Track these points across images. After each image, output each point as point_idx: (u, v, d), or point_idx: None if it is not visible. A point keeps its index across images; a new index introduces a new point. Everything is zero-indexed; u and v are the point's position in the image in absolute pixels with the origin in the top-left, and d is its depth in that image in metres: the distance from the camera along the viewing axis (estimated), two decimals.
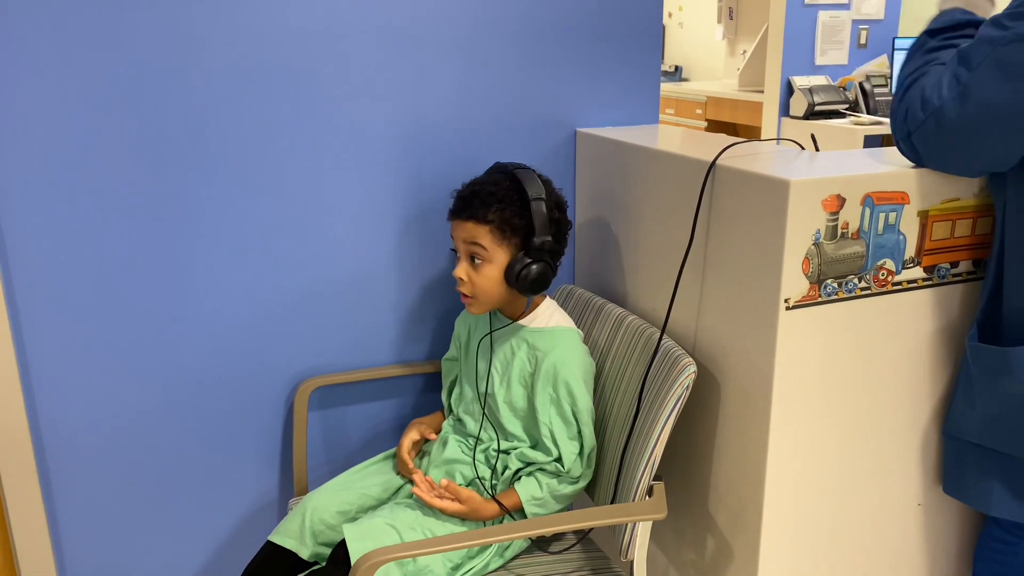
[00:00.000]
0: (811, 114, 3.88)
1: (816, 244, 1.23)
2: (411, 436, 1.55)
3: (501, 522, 1.43)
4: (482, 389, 1.51)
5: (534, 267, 1.40)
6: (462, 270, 1.42)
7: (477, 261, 1.41)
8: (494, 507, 1.40)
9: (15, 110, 1.37)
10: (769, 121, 4.13)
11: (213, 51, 1.46)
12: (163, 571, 1.67)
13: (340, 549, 1.35)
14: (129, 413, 1.57)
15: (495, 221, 1.39)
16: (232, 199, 1.54)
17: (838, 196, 1.22)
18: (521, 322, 1.49)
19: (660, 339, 1.38)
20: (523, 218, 1.39)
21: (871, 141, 3.59)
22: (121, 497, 1.60)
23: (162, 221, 1.50)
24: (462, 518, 1.40)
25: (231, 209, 1.54)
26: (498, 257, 1.40)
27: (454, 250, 1.46)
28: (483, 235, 1.39)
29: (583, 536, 1.53)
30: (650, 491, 1.32)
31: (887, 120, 3.70)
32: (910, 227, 1.29)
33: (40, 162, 1.41)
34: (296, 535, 1.43)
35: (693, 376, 1.30)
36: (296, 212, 1.59)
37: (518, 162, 1.48)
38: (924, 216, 1.29)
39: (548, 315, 1.49)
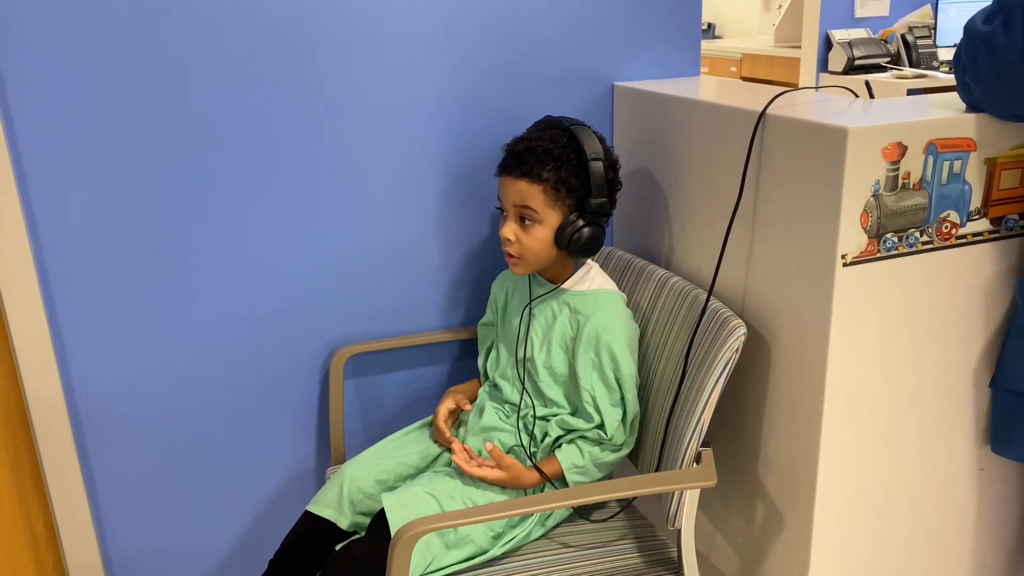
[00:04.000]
0: (850, 69, 3.74)
1: (875, 196, 1.16)
2: (447, 405, 1.51)
3: (542, 490, 1.40)
4: (521, 355, 1.47)
5: (586, 230, 1.35)
6: (510, 230, 1.37)
7: (527, 221, 1.35)
8: (535, 475, 1.37)
9: (44, 89, 1.34)
10: (807, 77, 4.01)
11: (250, 15, 1.41)
12: (202, 541, 1.67)
13: (379, 518, 1.33)
14: (164, 383, 1.55)
15: (550, 180, 1.33)
16: (268, 163, 1.50)
17: (899, 144, 1.15)
18: (563, 285, 1.43)
19: (707, 300, 1.32)
20: (579, 178, 1.34)
21: (915, 95, 3.46)
22: (159, 468, 1.59)
23: (196, 189, 1.47)
24: (502, 486, 1.37)
25: (267, 174, 1.51)
26: (549, 218, 1.35)
27: (499, 208, 1.40)
28: (535, 195, 1.33)
29: (627, 504, 1.49)
30: (698, 458, 1.28)
31: (931, 73, 3.58)
32: (976, 176, 1.21)
33: (71, 134, 1.38)
34: (334, 505, 1.41)
35: (743, 338, 1.24)
36: (331, 176, 1.55)
37: (571, 116, 1.41)
38: (992, 164, 1.21)
39: (591, 278, 1.44)
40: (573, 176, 1.33)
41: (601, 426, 1.37)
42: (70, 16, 1.33)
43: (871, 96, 1.39)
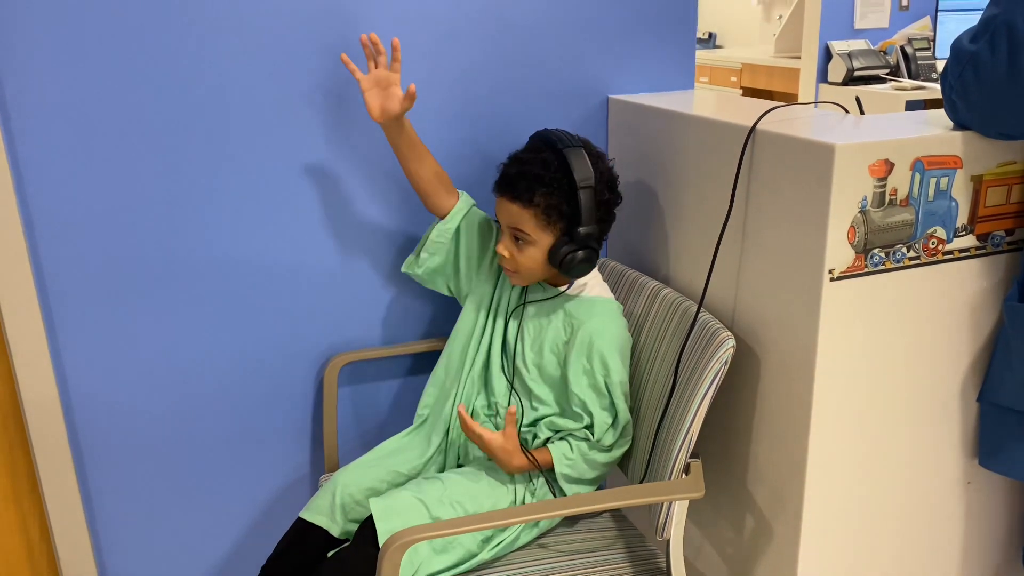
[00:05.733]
0: (850, 80, 3.75)
1: (862, 212, 1.17)
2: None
3: (531, 480, 1.41)
4: (511, 352, 1.48)
5: (579, 253, 1.36)
6: (505, 247, 1.39)
7: (520, 241, 1.37)
8: (524, 459, 1.37)
9: (42, 92, 1.35)
10: (806, 88, 4.01)
11: (246, 25, 1.43)
12: (196, 546, 1.67)
13: (368, 524, 1.33)
14: (159, 390, 1.56)
15: (540, 205, 1.34)
16: (262, 172, 1.51)
17: (886, 161, 1.16)
18: (561, 290, 1.45)
19: (697, 313, 1.33)
20: (570, 204, 1.34)
21: (913, 106, 3.47)
22: (153, 474, 1.60)
23: (193, 196, 1.48)
24: (492, 454, 1.37)
25: (261, 182, 1.52)
26: (542, 240, 1.37)
27: (496, 222, 1.42)
28: (527, 219, 1.35)
29: (615, 510, 1.50)
30: (687, 469, 1.29)
31: (930, 85, 3.59)
32: (963, 193, 1.22)
33: (69, 137, 1.39)
34: (327, 512, 1.42)
35: (732, 351, 1.25)
36: (326, 186, 1.56)
37: (567, 132, 1.38)
38: (978, 181, 1.22)
39: (590, 286, 1.46)
40: (564, 203, 1.34)
41: (590, 427, 1.39)
42: (69, 21, 1.34)
43: (861, 112, 1.40)
